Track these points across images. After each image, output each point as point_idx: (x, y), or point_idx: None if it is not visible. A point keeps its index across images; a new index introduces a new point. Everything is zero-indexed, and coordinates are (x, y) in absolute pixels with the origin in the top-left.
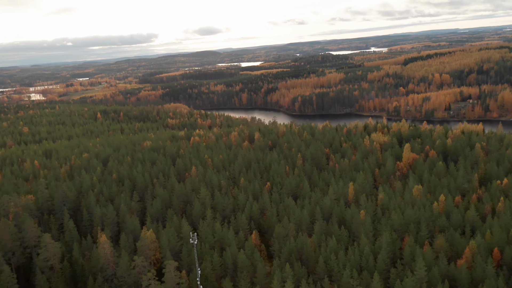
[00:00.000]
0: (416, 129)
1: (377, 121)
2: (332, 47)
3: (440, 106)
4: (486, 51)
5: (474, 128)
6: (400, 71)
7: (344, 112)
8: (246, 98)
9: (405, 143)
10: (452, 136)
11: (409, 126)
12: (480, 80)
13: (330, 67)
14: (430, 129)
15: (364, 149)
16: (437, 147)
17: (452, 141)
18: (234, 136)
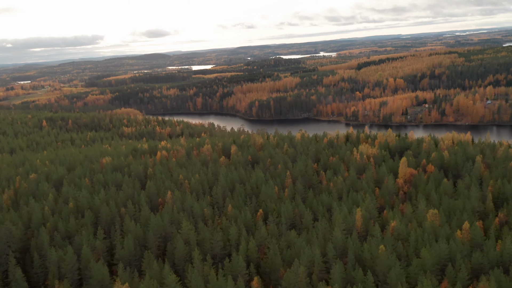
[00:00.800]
0: (402, 139)
1: (358, 130)
2: (282, 51)
3: (397, 110)
4: (437, 56)
5: (462, 138)
6: (354, 76)
7: (302, 117)
8: (201, 102)
9: (397, 156)
10: (444, 147)
11: (396, 136)
12: (433, 85)
13: (283, 71)
14: (419, 140)
15: (355, 163)
16: (434, 160)
17: (449, 154)
18: (207, 149)
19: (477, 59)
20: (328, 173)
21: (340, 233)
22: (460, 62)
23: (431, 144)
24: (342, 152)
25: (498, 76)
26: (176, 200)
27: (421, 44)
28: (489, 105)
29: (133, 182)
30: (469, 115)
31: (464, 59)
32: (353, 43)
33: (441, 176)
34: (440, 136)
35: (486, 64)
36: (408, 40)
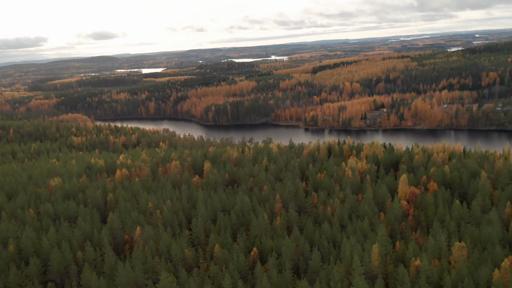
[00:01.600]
0: (390, 151)
1: (340, 140)
2: (234, 54)
3: (356, 115)
4: (390, 61)
5: (453, 148)
6: (311, 80)
7: (260, 121)
8: (154, 107)
9: (392, 171)
10: (439, 160)
11: (382, 147)
12: (389, 89)
13: (237, 74)
14: (410, 152)
15: (348, 181)
16: (435, 177)
17: (450, 169)
18: (176, 166)
19: (430, 64)
20: (321, 195)
21: (362, 280)
22: (413, 66)
23: (424, 156)
24: (331, 168)
25: (452, 80)
26: (147, 238)
27: (369, 48)
28: (446, 109)
29: (91, 213)
30: (427, 120)
31: (417, 63)
32: (303, 47)
33: (448, 196)
34: (430, 146)
35: (439, 69)
36: (356, 44)
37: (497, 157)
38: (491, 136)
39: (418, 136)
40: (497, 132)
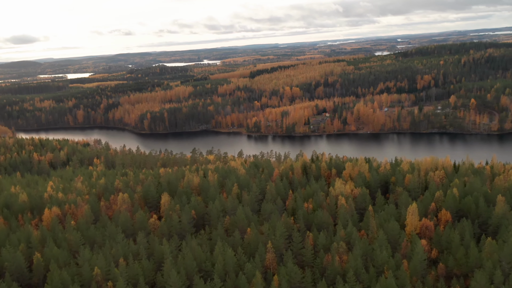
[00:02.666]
0: (374, 169)
1: (315, 155)
2: (165, 58)
3: (300, 120)
4: (327, 64)
5: (442, 163)
6: (249, 84)
7: (200, 129)
8: (83, 115)
9: (389, 195)
10: (438, 180)
11: (368, 166)
12: (328, 93)
13: (171, 79)
14: (398, 169)
15: (346, 214)
16: (447, 203)
17: (459, 192)
18: (123, 201)
19: (366, 67)
20: (317, 235)
21: None
22: (350, 70)
23: (417, 176)
24: (318, 196)
25: (388, 84)
26: None
27: (300, 52)
28: (387, 112)
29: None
30: (370, 124)
31: (353, 67)
32: (235, 51)
33: (468, 228)
34: (417, 161)
35: (375, 72)
36: (286, 49)
37: (499, 171)
38: (433, 139)
39: (362, 141)
40: (439, 135)
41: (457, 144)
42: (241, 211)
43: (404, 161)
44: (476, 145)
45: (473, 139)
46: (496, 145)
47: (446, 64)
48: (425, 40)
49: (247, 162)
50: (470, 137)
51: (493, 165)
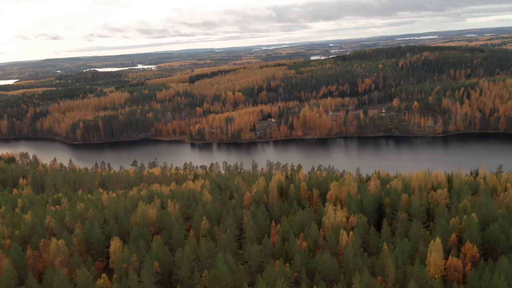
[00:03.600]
0: (362, 189)
1: (289, 176)
2: (96, 63)
3: (245, 126)
4: (268, 69)
5: (434, 178)
6: (190, 90)
7: (139, 137)
8: (7, 126)
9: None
10: (443, 200)
11: (357, 185)
12: (271, 97)
13: (104, 85)
14: (390, 187)
15: (352, 256)
16: (470, 234)
17: (479, 217)
18: (58, 248)
19: (307, 71)
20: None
21: None
22: (292, 74)
23: (419, 196)
24: (311, 230)
25: (331, 87)
26: None
27: (237, 57)
28: (332, 116)
29: None
30: (317, 128)
31: (295, 71)
32: (170, 56)
33: (509, 268)
34: (406, 176)
35: (317, 76)
36: (222, 53)
37: (493, 184)
38: (379, 142)
39: (310, 146)
40: (385, 139)
41: (403, 147)
42: (221, 261)
43: (390, 176)
44: (423, 148)
45: (418, 142)
46: (441, 148)
47: (385, 67)
48: (356, 44)
49: (208, 182)
50: (416, 140)
51: (485, 177)
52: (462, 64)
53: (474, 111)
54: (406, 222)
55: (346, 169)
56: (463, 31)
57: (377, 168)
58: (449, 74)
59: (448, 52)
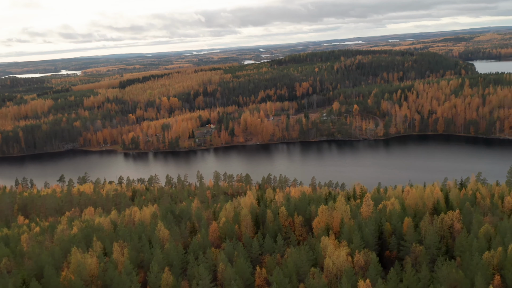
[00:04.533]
0: (355, 212)
1: (262, 194)
2: (16, 70)
3: (183, 133)
4: (204, 73)
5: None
6: (120, 95)
7: (65, 148)
8: None
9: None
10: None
11: (349, 208)
12: (209, 102)
13: (25, 92)
14: (385, 208)
15: None
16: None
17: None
18: None
19: (244, 75)
20: None
21: None
22: (228, 78)
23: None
24: (310, 279)
25: (269, 92)
26: None
27: (167, 62)
28: (274, 121)
29: None
30: (259, 134)
31: (231, 75)
32: (96, 61)
33: None
34: (398, 193)
35: (254, 80)
36: (152, 58)
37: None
38: (322, 147)
39: (252, 153)
40: (327, 143)
41: (346, 151)
42: None
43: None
44: (365, 152)
45: (361, 146)
46: (383, 150)
47: (321, 71)
48: (285, 50)
49: (157, 208)
50: (358, 143)
51: (478, 189)
52: (394, 67)
53: (413, 113)
54: (424, 256)
55: (297, 178)
56: (385, 37)
57: (330, 176)
58: (383, 77)
59: (380, 55)
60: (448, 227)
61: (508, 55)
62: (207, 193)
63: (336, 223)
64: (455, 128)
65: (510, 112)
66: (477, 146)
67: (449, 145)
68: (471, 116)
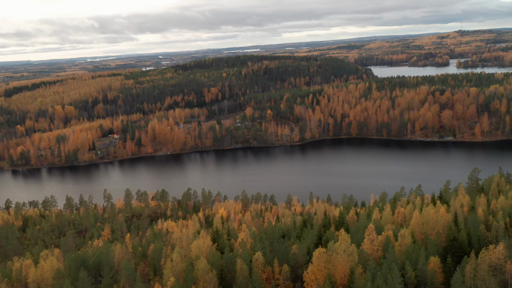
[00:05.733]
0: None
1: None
2: None
3: (83, 145)
4: (103, 79)
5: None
6: (6, 105)
7: None
8: None
9: None
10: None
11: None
12: (110, 110)
13: None
14: (410, 250)
15: None
16: None
17: None
18: None
19: (147, 81)
20: None
21: None
22: (130, 84)
23: (460, 275)
24: None
25: (176, 98)
26: None
27: (60, 69)
28: (185, 129)
29: None
30: (169, 143)
31: (133, 81)
32: None
33: None
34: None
35: (160, 86)
36: (43, 65)
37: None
38: (237, 155)
39: (162, 165)
40: (243, 150)
41: (262, 158)
42: None
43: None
44: (283, 158)
45: (277, 152)
46: (300, 156)
47: (229, 76)
48: (186, 57)
49: (61, 259)
50: (274, 149)
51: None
52: (301, 72)
53: (327, 117)
54: None
55: (217, 189)
56: (282, 45)
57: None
58: (290, 81)
59: (285, 61)
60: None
61: (398, 61)
62: (119, 216)
63: (342, 274)
64: (368, 131)
65: (420, 114)
66: (390, 148)
67: (363, 148)
68: (383, 119)
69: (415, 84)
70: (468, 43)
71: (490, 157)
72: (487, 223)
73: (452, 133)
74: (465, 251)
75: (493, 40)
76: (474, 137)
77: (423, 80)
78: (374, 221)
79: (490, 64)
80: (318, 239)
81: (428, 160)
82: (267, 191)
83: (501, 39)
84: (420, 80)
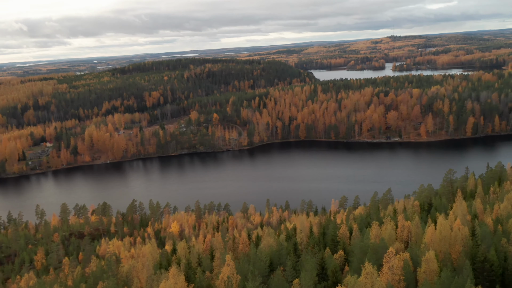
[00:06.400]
0: None
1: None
2: None
3: (11, 156)
4: (33, 84)
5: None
6: None
7: None
8: None
9: None
10: None
11: None
12: (42, 117)
13: None
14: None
15: None
16: None
17: None
18: None
19: (83, 85)
20: None
21: None
22: (64, 89)
23: None
24: None
25: (114, 102)
26: None
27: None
28: (125, 135)
29: None
30: (108, 151)
31: (67, 85)
32: None
33: None
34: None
35: (96, 91)
36: None
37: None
38: (183, 161)
39: (101, 175)
40: (189, 156)
41: (209, 164)
42: None
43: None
44: (232, 163)
45: (225, 157)
46: (249, 161)
47: (170, 79)
48: (123, 61)
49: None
50: (222, 154)
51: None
52: (245, 75)
53: (274, 120)
54: None
55: (165, 199)
56: (221, 50)
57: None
58: (234, 85)
59: (228, 64)
60: None
61: (337, 65)
62: (55, 236)
63: None
64: (316, 134)
65: (366, 116)
66: (339, 151)
67: (312, 151)
68: (330, 121)
69: (359, 86)
70: (400, 48)
71: (436, 157)
72: (496, 233)
73: (398, 134)
74: (496, 273)
75: (424, 45)
76: (419, 138)
77: (366, 82)
78: (381, 240)
79: (423, 67)
80: (321, 269)
81: (377, 162)
82: (219, 199)
83: (430, 43)
84: (364, 82)
